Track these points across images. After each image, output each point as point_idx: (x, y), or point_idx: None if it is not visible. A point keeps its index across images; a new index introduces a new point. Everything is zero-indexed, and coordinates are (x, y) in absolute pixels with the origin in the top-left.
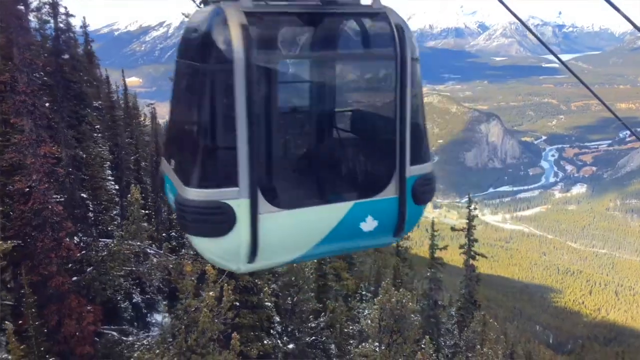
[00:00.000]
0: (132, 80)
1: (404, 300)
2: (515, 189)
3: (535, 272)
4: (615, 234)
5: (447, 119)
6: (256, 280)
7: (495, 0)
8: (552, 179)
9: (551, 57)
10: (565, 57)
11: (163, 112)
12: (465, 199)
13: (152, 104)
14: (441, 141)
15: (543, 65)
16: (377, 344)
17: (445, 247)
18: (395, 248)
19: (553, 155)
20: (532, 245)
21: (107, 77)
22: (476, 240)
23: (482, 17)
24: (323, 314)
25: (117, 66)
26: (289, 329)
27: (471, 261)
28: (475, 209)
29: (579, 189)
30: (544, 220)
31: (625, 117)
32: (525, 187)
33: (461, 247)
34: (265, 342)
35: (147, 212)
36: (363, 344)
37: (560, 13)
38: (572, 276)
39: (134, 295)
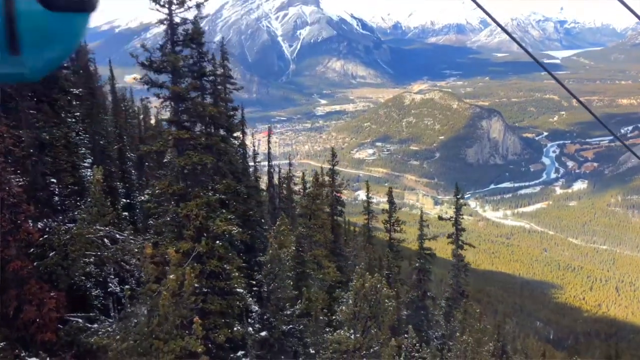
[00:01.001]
0: (131, 78)
1: (378, 286)
2: (516, 185)
3: (536, 268)
4: (616, 230)
5: (449, 115)
6: (225, 266)
7: None
8: (553, 175)
9: (553, 53)
10: (566, 53)
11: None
12: (467, 196)
13: (146, 98)
14: (442, 137)
15: (544, 62)
16: (352, 330)
17: (434, 237)
18: (388, 241)
19: (554, 152)
20: (533, 241)
21: (96, 68)
22: (464, 230)
23: (483, 13)
24: (299, 301)
25: (117, 63)
26: (264, 317)
27: (459, 251)
28: (463, 197)
29: (580, 185)
30: (545, 216)
31: (626, 113)
32: (527, 184)
33: (449, 236)
34: (235, 328)
35: (128, 201)
36: (338, 331)
37: (562, 9)
38: (573, 272)
39: (110, 284)
